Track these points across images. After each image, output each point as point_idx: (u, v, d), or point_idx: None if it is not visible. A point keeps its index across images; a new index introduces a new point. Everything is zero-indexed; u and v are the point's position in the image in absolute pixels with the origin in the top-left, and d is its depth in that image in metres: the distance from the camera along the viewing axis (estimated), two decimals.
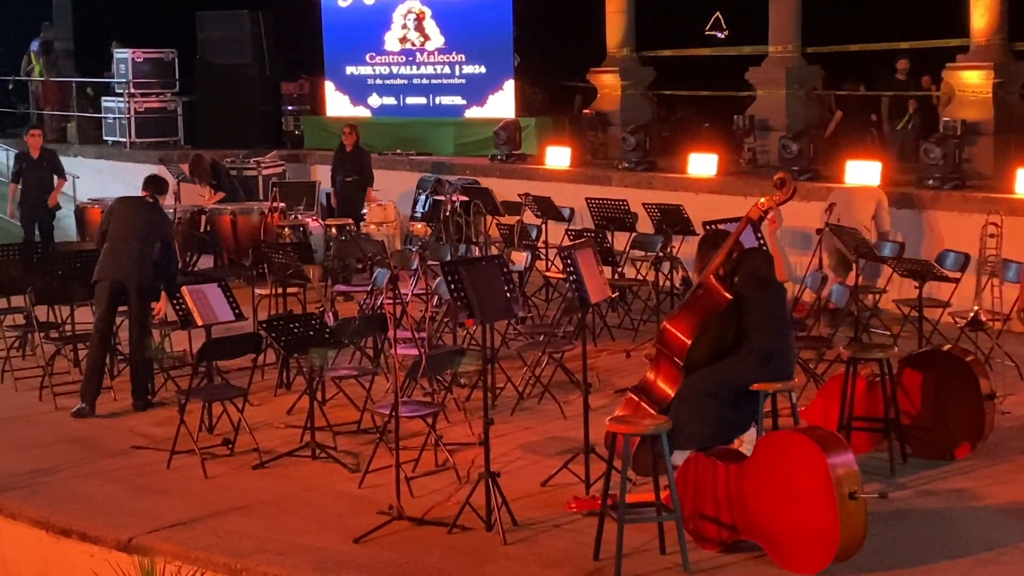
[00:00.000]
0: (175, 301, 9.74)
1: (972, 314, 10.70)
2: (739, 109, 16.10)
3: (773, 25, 15.85)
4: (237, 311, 9.70)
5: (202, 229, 15.33)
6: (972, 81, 13.75)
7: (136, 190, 10.86)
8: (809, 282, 11.28)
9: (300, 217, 15.46)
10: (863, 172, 13.44)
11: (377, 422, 9.07)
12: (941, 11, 15.55)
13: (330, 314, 10.45)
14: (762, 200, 7.90)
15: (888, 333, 11.43)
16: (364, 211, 15.88)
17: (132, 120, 20.35)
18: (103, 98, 21.20)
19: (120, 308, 10.35)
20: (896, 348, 8.84)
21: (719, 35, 18.21)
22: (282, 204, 15.32)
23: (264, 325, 9.27)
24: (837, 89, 17.08)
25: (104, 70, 21.89)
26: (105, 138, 21.09)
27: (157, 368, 10.67)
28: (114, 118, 20.73)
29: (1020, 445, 8.75)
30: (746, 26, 17.35)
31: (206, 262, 15.51)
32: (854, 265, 10.90)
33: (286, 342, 8.90)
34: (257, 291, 11.55)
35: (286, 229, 14.76)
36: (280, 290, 11.24)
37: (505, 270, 7.89)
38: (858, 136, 16.32)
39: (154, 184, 10.72)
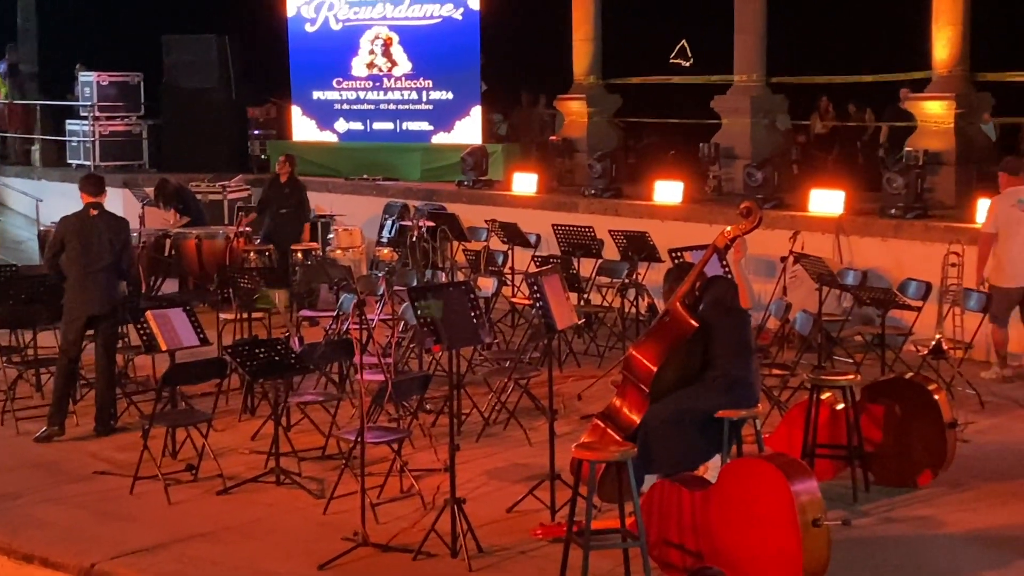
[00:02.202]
0: (139, 326, 9.69)
1: (934, 342, 10.78)
2: (705, 137, 16.20)
3: (738, 54, 15.95)
4: (202, 336, 9.67)
5: (167, 253, 15.28)
6: (934, 111, 13.87)
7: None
8: (773, 310, 11.35)
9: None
10: (826, 201, 13.56)
11: (342, 448, 9.05)
12: (904, 43, 15.70)
13: (295, 339, 10.43)
14: (728, 229, 7.95)
15: (851, 361, 11.50)
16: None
17: (97, 143, 20.27)
18: (67, 121, 21.13)
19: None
20: (859, 376, 8.88)
21: (684, 63, 18.33)
22: (248, 228, 15.28)
23: (229, 350, 9.24)
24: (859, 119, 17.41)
25: (69, 93, 21.82)
26: (69, 161, 21.01)
27: (120, 393, 10.62)
28: (78, 141, 20.65)
29: (981, 473, 8.82)
30: (711, 55, 17.48)
31: (171, 286, 15.45)
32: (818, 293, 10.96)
33: (251, 367, 8.88)
34: (222, 316, 11.52)
35: (252, 254, 14.73)
36: (245, 315, 11.21)
37: (472, 296, 7.91)
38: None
39: (92, 187, 10.26)
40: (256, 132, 20.64)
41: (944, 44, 13.78)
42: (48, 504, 8.61)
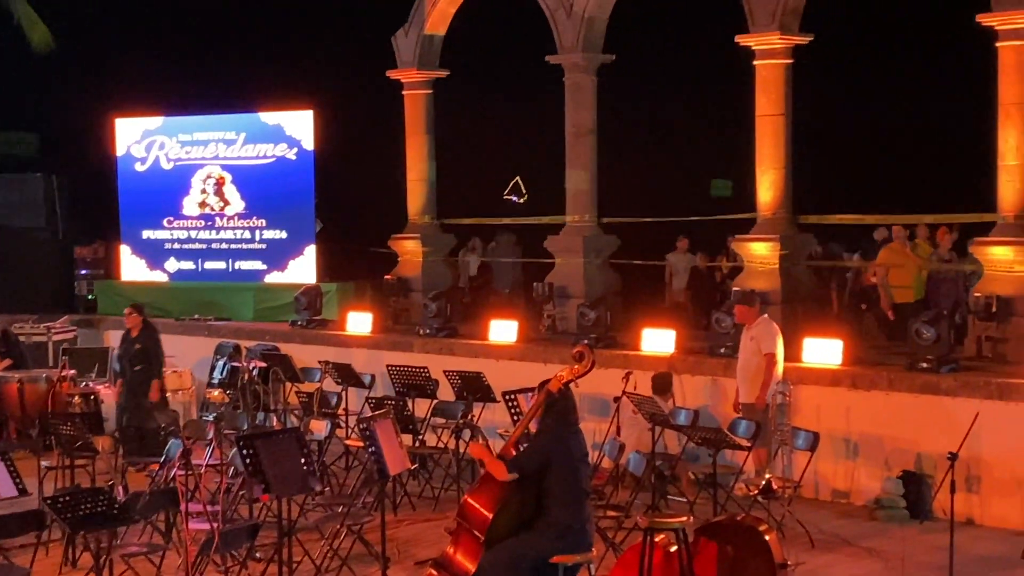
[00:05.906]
0: None
1: (764, 482, 10.90)
2: (539, 276, 16.34)
3: (570, 195, 16.19)
4: (20, 486, 9.30)
5: None
6: (760, 252, 14.21)
7: None
8: (607, 450, 11.38)
9: (92, 384, 15.01)
10: (658, 340, 13.75)
11: None
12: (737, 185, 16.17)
13: (120, 487, 10.11)
14: (561, 373, 7.98)
15: (685, 500, 11.57)
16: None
17: None
18: None
19: None
20: (692, 517, 8.91)
21: (518, 200, 18.58)
22: (72, 371, 14.88)
23: (49, 501, 8.89)
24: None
25: None
26: None
27: None
28: None
29: None
30: (544, 194, 17.76)
31: None
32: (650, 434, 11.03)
33: (72, 519, 8.54)
34: (44, 463, 11.13)
35: (76, 397, 14.31)
36: (68, 462, 10.85)
37: (302, 443, 7.78)
38: None
39: None
40: (84, 272, 20.26)
41: (768, 187, 14.17)
42: None
